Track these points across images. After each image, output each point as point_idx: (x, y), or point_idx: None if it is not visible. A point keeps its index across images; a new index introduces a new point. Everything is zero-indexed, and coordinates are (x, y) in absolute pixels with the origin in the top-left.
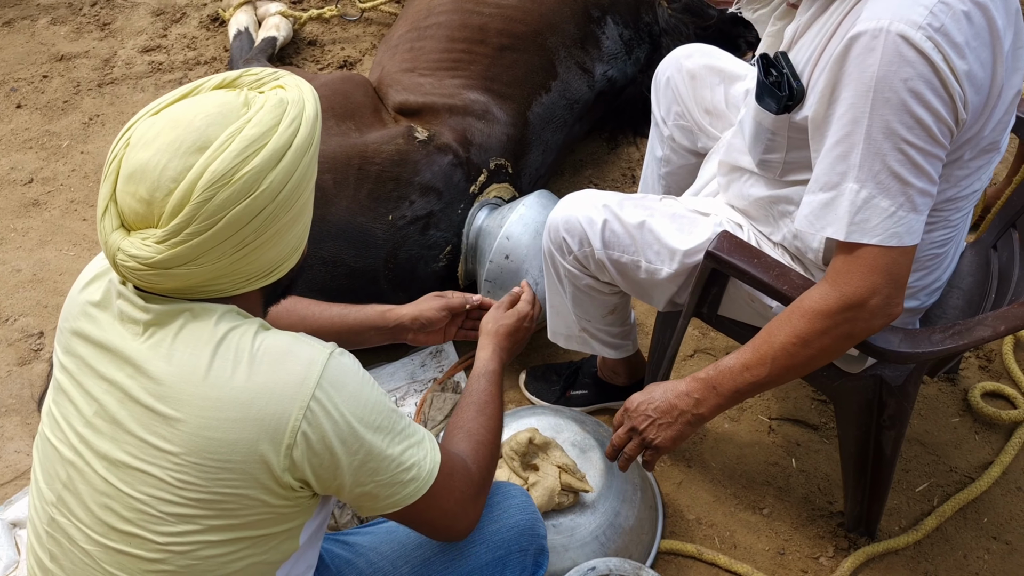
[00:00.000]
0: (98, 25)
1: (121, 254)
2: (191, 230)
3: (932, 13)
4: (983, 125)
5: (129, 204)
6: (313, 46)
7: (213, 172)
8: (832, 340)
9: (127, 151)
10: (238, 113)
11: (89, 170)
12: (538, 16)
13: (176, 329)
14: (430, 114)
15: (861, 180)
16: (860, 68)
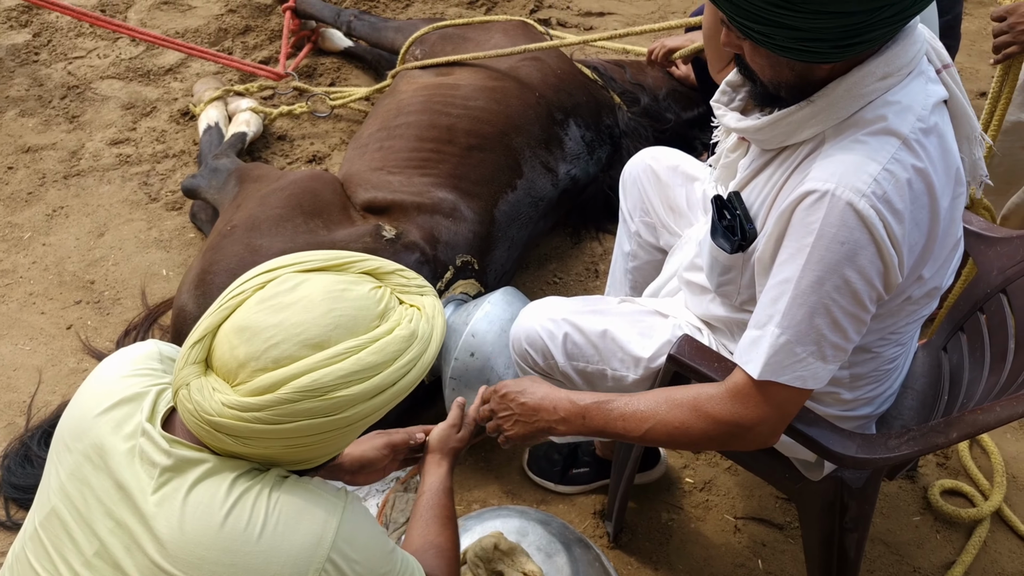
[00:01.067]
0: (67, 118)
1: (186, 391)
2: (261, 415)
3: (876, 181)
4: (923, 274)
5: (223, 351)
6: (283, 140)
7: (313, 380)
8: (707, 442)
9: (255, 299)
10: (368, 325)
11: (50, 263)
12: (504, 118)
13: (191, 482)
14: (398, 212)
15: (783, 326)
16: (803, 224)
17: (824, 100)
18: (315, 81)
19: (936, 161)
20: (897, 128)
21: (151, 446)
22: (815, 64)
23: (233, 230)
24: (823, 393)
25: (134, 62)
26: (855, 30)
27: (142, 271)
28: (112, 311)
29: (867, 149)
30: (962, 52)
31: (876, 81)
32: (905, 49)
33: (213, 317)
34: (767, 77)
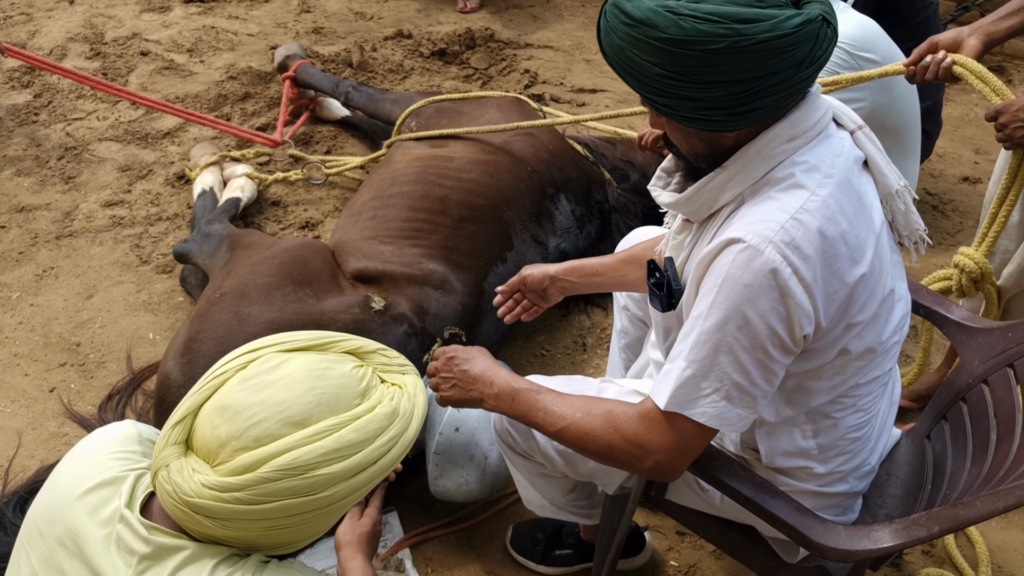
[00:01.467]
0: (63, 178)
1: (165, 472)
2: (241, 496)
3: (784, 229)
4: (854, 324)
5: (204, 431)
6: (277, 206)
7: (294, 458)
8: (609, 456)
9: (238, 378)
10: (350, 403)
11: (36, 324)
12: (496, 191)
13: (170, 570)
14: (388, 282)
15: (689, 360)
16: (716, 268)
17: (737, 164)
18: (311, 148)
19: (849, 211)
20: (805, 183)
21: (129, 533)
22: (720, 133)
23: (222, 297)
24: (795, 468)
25: (133, 125)
26: (745, 98)
27: (129, 334)
28: (96, 374)
29: (778, 202)
30: (944, 137)
31: (783, 143)
32: (809, 113)
33: (195, 397)
34: (685, 150)
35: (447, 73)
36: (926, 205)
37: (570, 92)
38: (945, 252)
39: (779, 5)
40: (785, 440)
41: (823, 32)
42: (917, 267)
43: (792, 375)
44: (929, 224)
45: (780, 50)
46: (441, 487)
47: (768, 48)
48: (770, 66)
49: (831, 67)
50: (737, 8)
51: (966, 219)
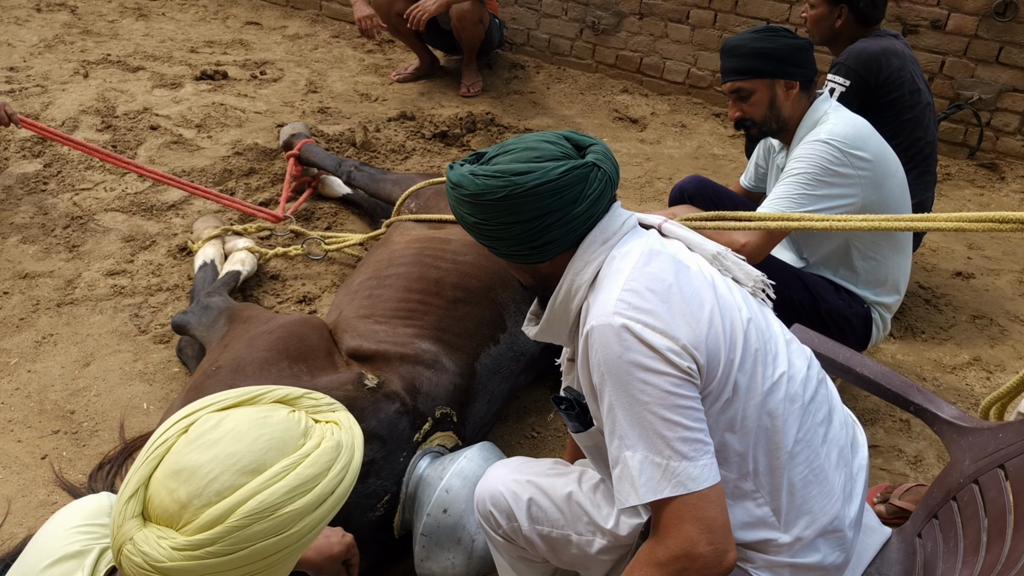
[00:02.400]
0: (67, 247)
1: (131, 546)
2: (214, 549)
3: (620, 300)
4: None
5: (161, 498)
6: (275, 280)
7: (260, 502)
8: None
9: (182, 442)
10: (297, 443)
11: (32, 390)
12: (491, 272)
13: None
14: (382, 361)
15: (630, 446)
16: (592, 366)
17: (568, 276)
18: (312, 224)
19: (669, 271)
20: (622, 266)
21: None
22: (535, 264)
23: (218, 371)
24: (759, 542)
25: (139, 197)
26: (536, 232)
27: (123, 403)
28: (89, 443)
29: (608, 286)
30: (938, 232)
31: (599, 246)
32: (612, 218)
33: (142, 470)
34: (523, 282)
35: (448, 155)
36: (918, 299)
37: None
38: (938, 346)
39: (556, 158)
40: (739, 512)
41: (593, 174)
42: (910, 359)
43: (712, 428)
44: (922, 318)
45: (551, 192)
46: (427, 569)
47: (539, 192)
48: (547, 206)
49: (824, 164)
50: (516, 165)
51: (959, 313)
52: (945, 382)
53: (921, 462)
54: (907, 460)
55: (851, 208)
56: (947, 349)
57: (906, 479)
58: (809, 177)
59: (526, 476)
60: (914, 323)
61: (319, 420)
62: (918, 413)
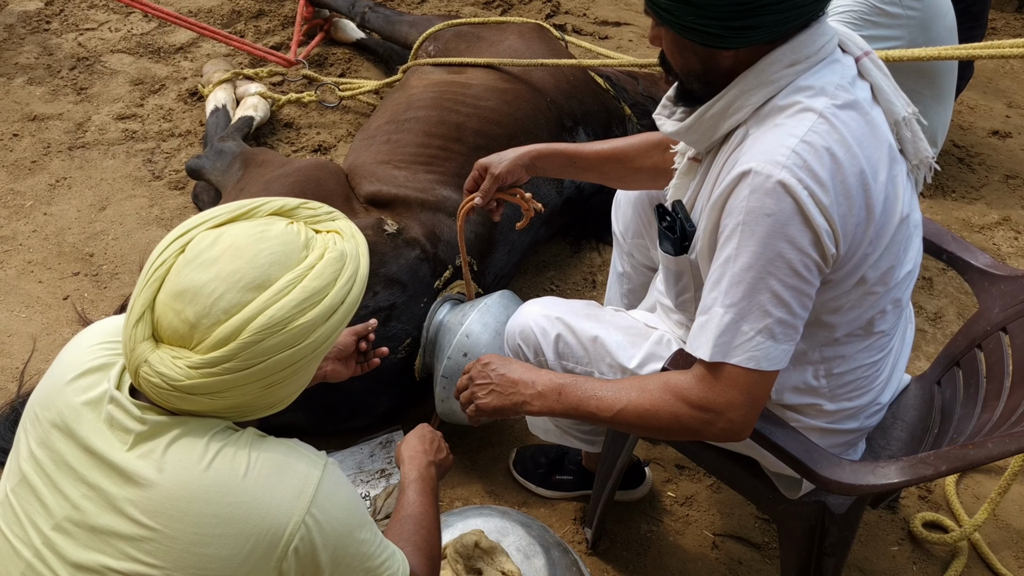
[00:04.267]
0: (75, 89)
1: (147, 367)
2: (230, 366)
3: (795, 152)
4: (871, 252)
5: (170, 320)
6: (289, 128)
7: (269, 317)
8: (678, 426)
9: (181, 263)
10: (299, 256)
11: (50, 232)
12: (514, 120)
13: (167, 442)
14: (401, 207)
15: (726, 305)
16: (733, 206)
17: (735, 89)
18: (325, 71)
19: (859, 133)
20: (811, 106)
21: (122, 413)
22: (716, 49)
23: None
24: (804, 405)
25: (145, 38)
26: (743, 11)
27: (141, 248)
28: (109, 285)
29: (784, 128)
30: (976, 89)
31: (784, 68)
32: (812, 39)
33: (144, 293)
34: (679, 67)
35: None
36: (952, 157)
37: (593, 24)
38: (968, 205)
39: None
40: (795, 376)
41: None
42: (938, 218)
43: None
44: (953, 177)
45: None
46: (448, 408)
47: None
48: None
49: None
50: None
51: (992, 173)
52: (972, 241)
53: (941, 319)
54: (927, 316)
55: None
56: (976, 208)
57: (924, 335)
58: (855, 15)
59: (556, 313)
60: (945, 182)
61: (319, 230)
62: (950, 261)
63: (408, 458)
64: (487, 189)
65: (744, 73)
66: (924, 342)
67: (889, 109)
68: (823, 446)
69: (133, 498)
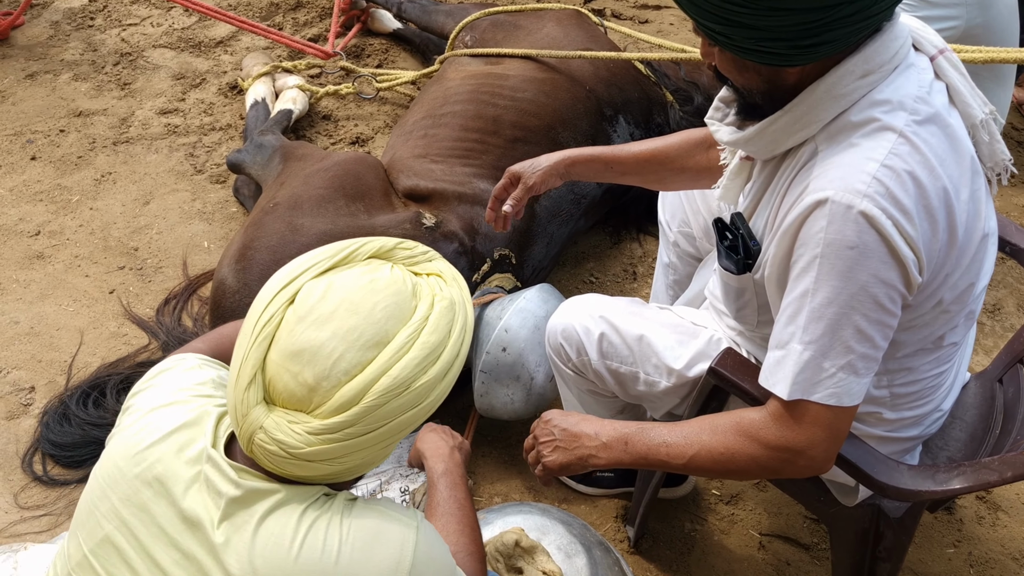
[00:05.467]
0: (119, 84)
1: (263, 435)
2: (352, 431)
3: (876, 179)
4: (951, 272)
5: (286, 383)
6: (327, 120)
7: (393, 379)
8: (757, 468)
9: (292, 319)
10: (411, 306)
11: (96, 227)
12: (552, 111)
13: (260, 515)
14: (439, 200)
15: (805, 342)
16: (810, 236)
17: (804, 104)
18: (363, 62)
19: (940, 151)
20: (890, 123)
21: (217, 474)
22: (780, 67)
23: (276, 207)
24: (864, 413)
25: (186, 32)
26: (812, 29)
27: (184, 242)
28: (154, 279)
29: (861, 149)
30: None
31: (856, 80)
32: (885, 45)
33: (254, 352)
34: (739, 84)
35: None
36: (1010, 141)
37: (632, 8)
38: None
39: None
40: None
41: None
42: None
43: None
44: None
45: None
46: (486, 403)
47: None
48: None
49: None
50: None
51: None
52: None
53: (1000, 310)
54: (984, 308)
55: (953, 32)
56: None
57: (982, 328)
58: None
59: (600, 312)
60: None
61: (419, 273)
62: (1013, 254)
63: (430, 452)
64: (519, 198)
65: (812, 86)
66: (982, 335)
67: (967, 112)
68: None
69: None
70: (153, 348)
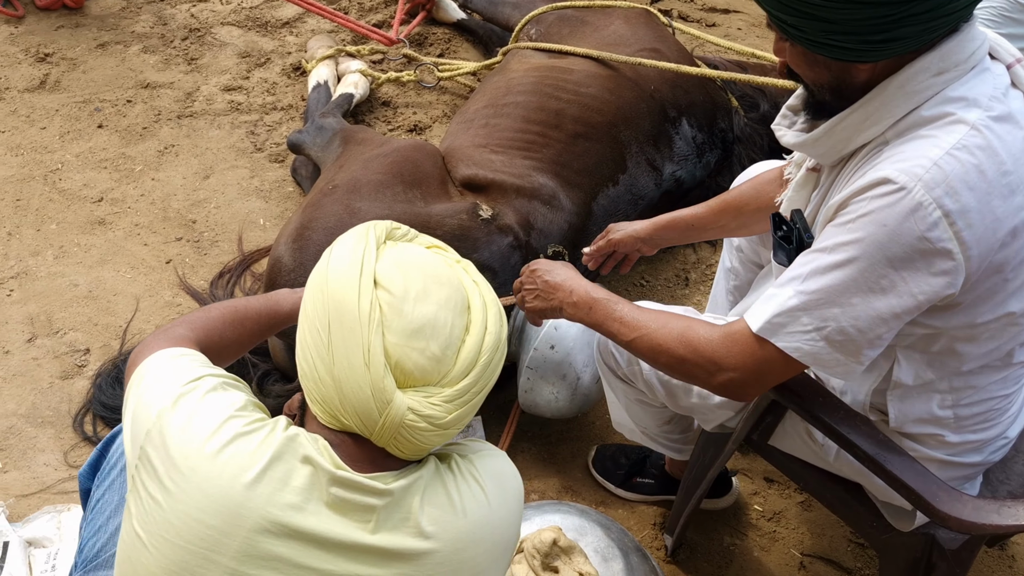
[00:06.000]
0: (186, 59)
1: (412, 415)
2: (476, 389)
3: (937, 166)
4: (1013, 277)
5: (415, 360)
6: (386, 107)
7: (494, 336)
8: (681, 369)
9: (392, 300)
10: (457, 270)
11: (157, 197)
12: (615, 108)
13: (416, 505)
14: (497, 192)
15: (798, 291)
16: (853, 204)
17: (876, 100)
18: (425, 50)
19: (1015, 148)
20: (964, 117)
21: (353, 491)
22: (851, 63)
23: (335, 189)
24: (925, 435)
25: (254, 12)
26: (883, 25)
27: (241, 217)
28: (209, 252)
29: (931, 139)
30: None
31: (931, 77)
32: (962, 45)
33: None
34: (809, 79)
35: None
36: None
37: (700, 11)
38: None
39: None
40: (920, 407)
41: None
42: None
43: (941, 334)
44: None
45: None
46: (530, 400)
47: None
48: None
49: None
50: None
51: None
52: None
53: None
54: None
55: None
56: None
57: None
58: (995, 12)
59: None
60: None
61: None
62: None
63: None
64: (599, 247)
65: (884, 83)
66: None
67: None
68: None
69: (406, 572)
70: None
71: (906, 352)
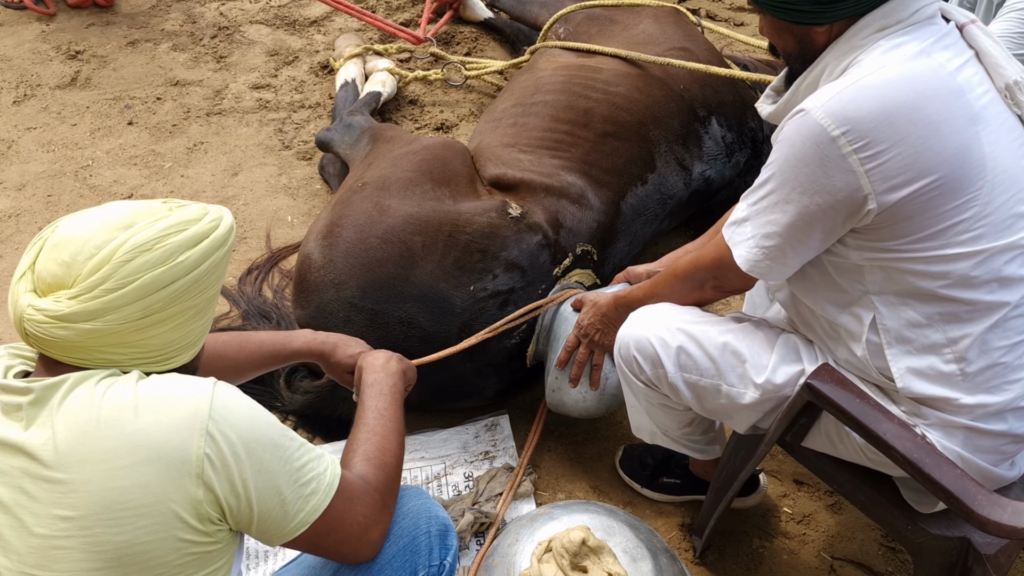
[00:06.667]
0: (215, 57)
1: (30, 309)
2: (106, 287)
3: (838, 95)
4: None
5: (48, 268)
6: (414, 105)
7: (136, 241)
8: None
9: (61, 224)
10: (163, 208)
11: (186, 194)
12: (644, 107)
13: (59, 400)
14: (526, 191)
15: (748, 204)
16: (779, 136)
17: (827, 58)
18: (452, 49)
19: (923, 86)
20: (879, 60)
21: (9, 395)
22: (809, 26)
23: (364, 187)
24: (938, 399)
25: (282, 10)
26: None
27: (269, 215)
28: (238, 248)
29: (848, 76)
30: None
31: (873, 32)
32: (906, 3)
33: (27, 256)
34: (781, 48)
35: None
36: None
37: (728, 10)
38: None
39: None
40: (918, 360)
41: None
42: None
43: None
44: None
45: None
46: (557, 399)
47: None
48: None
49: None
50: None
51: None
52: None
53: None
54: None
55: None
56: None
57: None
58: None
59: (676, 324)
60: None
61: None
62: None
63: (367, 365)
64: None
65: (836, 42)
66: None
67: (998, 73)
68: (972, 454)
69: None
70: (233, 316)
71: (881, 298)
